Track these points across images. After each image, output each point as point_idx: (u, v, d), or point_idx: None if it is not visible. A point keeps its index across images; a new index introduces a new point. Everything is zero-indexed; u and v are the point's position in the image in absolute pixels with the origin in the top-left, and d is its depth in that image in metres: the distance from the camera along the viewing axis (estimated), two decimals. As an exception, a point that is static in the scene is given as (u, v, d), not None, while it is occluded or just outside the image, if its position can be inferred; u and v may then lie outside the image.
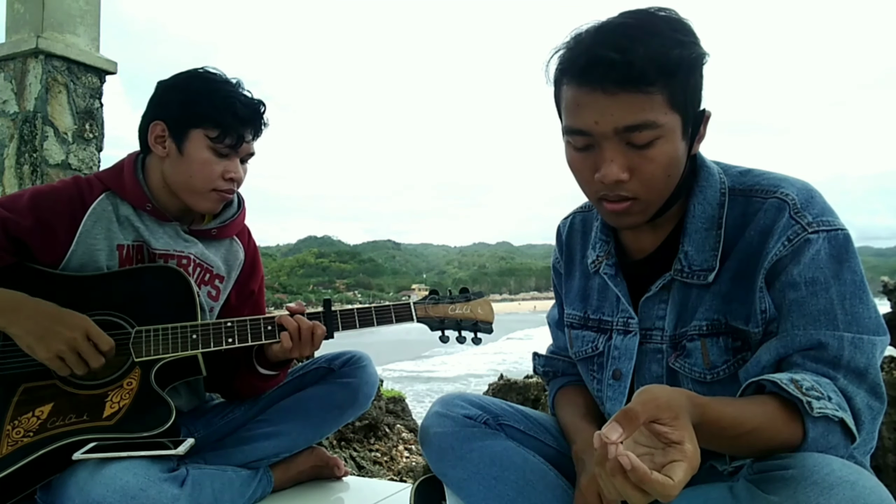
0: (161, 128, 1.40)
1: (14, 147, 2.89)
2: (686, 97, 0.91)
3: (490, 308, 1.42)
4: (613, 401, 1.09)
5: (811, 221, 0.90)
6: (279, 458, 1.59)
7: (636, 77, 0.86)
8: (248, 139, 1.43)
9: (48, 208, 1.34)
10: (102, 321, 1.33)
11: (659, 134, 0.89)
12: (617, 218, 0.98)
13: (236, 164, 1.43)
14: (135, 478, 1.16)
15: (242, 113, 1.39)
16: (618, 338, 1.09)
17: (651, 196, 0.94)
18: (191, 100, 1.38)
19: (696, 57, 0.91)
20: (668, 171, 0.93)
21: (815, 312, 0.88)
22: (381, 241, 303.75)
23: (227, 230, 1.54)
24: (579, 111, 0.91)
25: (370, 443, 3.60)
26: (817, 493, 0.70)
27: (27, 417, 1.24)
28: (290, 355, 1.38)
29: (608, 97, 0.87)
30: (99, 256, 1.37)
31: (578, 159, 0.96)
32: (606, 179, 0.91)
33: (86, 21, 3.03)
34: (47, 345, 1.22)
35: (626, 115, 0.88)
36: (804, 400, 0.78)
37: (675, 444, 0.68)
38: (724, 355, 0.96)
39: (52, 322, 1.23)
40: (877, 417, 0.87)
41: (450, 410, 1.17)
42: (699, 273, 0.98)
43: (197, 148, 1.38)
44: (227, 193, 1.44)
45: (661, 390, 0.73)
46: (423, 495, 1.25)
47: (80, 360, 1.24)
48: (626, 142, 0.90)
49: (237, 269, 1.58)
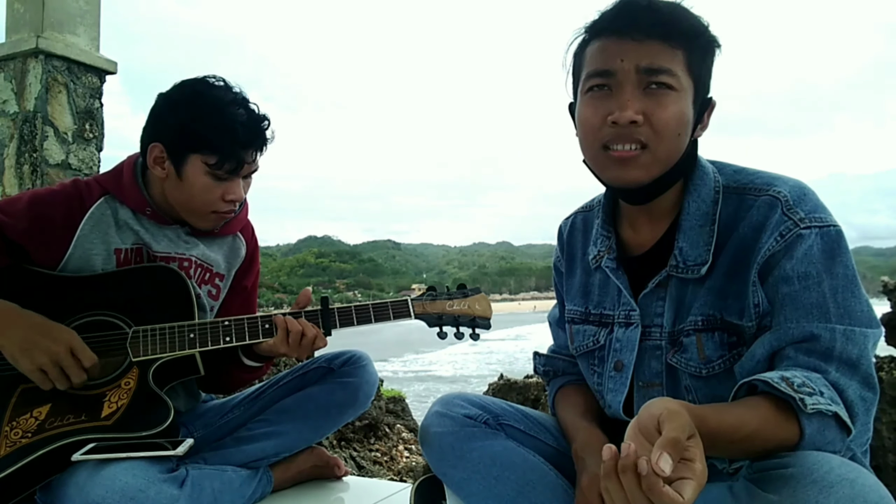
0: (160, 149, 1.36)
1: (14, 147, 2.89)
2: (701, 71, 0.98)
3: (487, 304, 1.42)
4: (614, 392, 1.10)
5: (803, 217, 0.91)
6: (279, 457, 1.59)
7: (662, 28, 0.94)
8: (250, 160, 1.39)
9: (46, 212, 1.34)
10: (100, 321, 1.33)
11: (676, 86, 0.95)
12: (623, 167, 0.98)
13: (236, 185, 1.40)
14: (134, 478, 1.16)
15: (243, 137, 1.35)
16: (619, 330, 1.10)
17: (659, 147, 0.96)
18: (189, 123, 1.32)
19: (713, 40, 0.99)
20: (678, 127, 0.96)
21: (807, 306, 0.89)
22: (381, 241, 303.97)
23: (229, 227, 1.54)
24: (605, 54, 0.98)
25: (370, 443, 3.60)
26: (817, 491, 0.71)
27: (25, 418, 1.24)
28: (285, 354, 1.37)
29: (635, 42, 0.95)
30: (95, 260, 1.37)
31: (593, 107, 1.00)
32: (622, 119, 0.94)
33: (86, 21, 3.02)
34: (31, 357, 1.21)
35: (650, 57, 0.95)
36: (797, 397, 0.79)
37: (687, 461, 0.68)
38: (720, 350, 0.97)
39: (37, 335, 1.23)
40: (870, 408, 0.88)
41: (450, 410, 1.17)
42: (693, 267, 0.99)
43: (195, 173, 1.35)
44: (227, 214, 1.44)
45: (681, 410, 0.73)
46: (423, 495, 1.25)
47: (61, 375, 1.24)
48: (645, 86, 0.95)
49: (237, 266, 1.58)
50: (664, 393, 1.04)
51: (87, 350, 1.26)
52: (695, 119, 1.00)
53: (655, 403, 0.74)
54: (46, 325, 1.25)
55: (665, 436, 0.68)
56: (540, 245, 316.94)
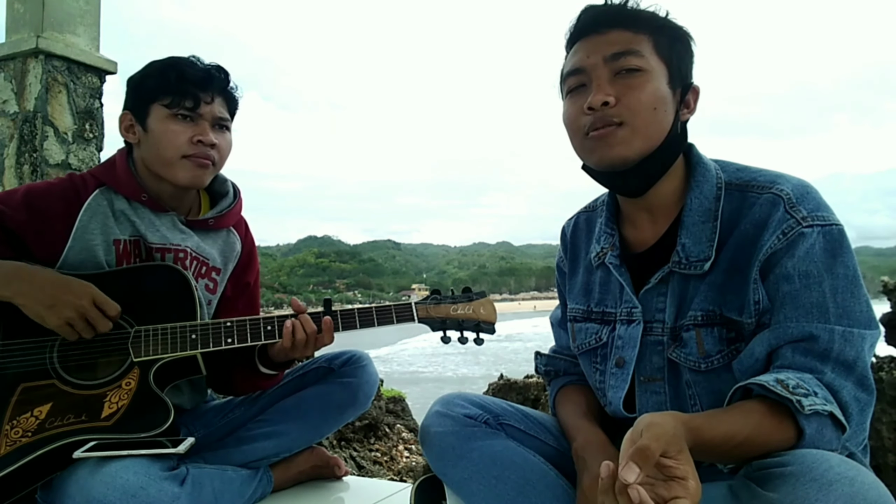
0: (128, 117, 1.44)
1: (14, 147, 2.89)
2: (671, 55, 1.01)
3: (492, 308, 1.41)
4: (616, 388, 1.10)
5: (806, 216, 0.92)
6: (279, 457, 1.59)
7: (623, 16, 1.01)
8: (209, 101, 1.42)
9: (43, 205, 1.35)
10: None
11: (644, 66, 0.99)
12: (605, 145, 1.00)
13: (204, 128, 1.41)
14: (135, 476, 1.16)
15: (192, 76, 1.40)
16: (621, 327, 1.11)
17: (636, 122, 0.98)
18: (142, 80, 1.42)
19: (681, 28, 1.04)
20: (654, 103, 0.99)
21: (807, 305, 0.90)
22: (381, 241, 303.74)
23: (223, 220, 1.54)
24: (577, 56, 1.03)
25: (370, 443, 3.60)
26: (816, 489, 0.71)
27: (26, 417, 1.24)
28: (290, 356, 1.37)
29: (599, 36, 1.02)
30: (97, 251, 1.37)
31: (571, 104, 1.05)
32: (595, 102, 0.98)
33: (86, 21, 3.02)
34: (58, 312, 1.23)
35: (614, 45, 1.00)
36: (793, 399, 0.79)
37: (678, 479, 0.69)
38: (719, 345, 0.98)
39: (59, 290, 1.25)
40: (865, 409, 0.88)
41: (450, 410, 1.17)
42: (696, 263, 1.00)
43: (157, 120, 1.40)
44: (202, 158, 1.41)
45: (666, 422, 0.73)
46: (423, 495, 1.25)
47: (88, 326, 1.27)
48: (616, 72, 1.00)
49: (234, 261, 1.57)
50: (665, 387, 1.05)
51: (109, 300, 1.29)
52: (676, 101, 1.02)
53: (646, 418, 0.75)
54: (65, 280, 1.27)
55: (636, 445, 0.69)
56: (540, 245, 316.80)
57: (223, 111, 1.46)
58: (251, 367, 1.46)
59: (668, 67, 1.01)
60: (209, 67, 1.44)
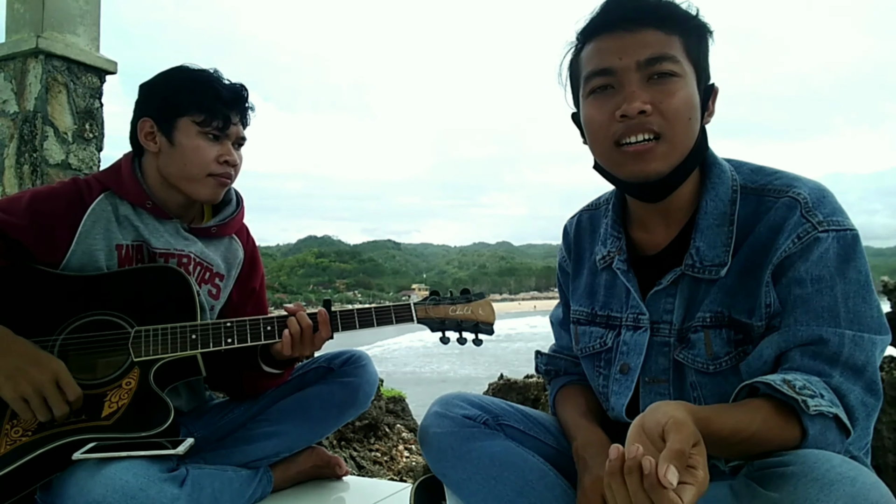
0: (149, 124, 1.42)
1: (14, 147, 2.88)
2: (699, 55, 0.97)
3: (491, 309, 1.42)
4: (619, 395, 1.09)
5: (822, 220, 0.91)
6: (279, 457, 1.59)
7: (654, 15, 0.94)
8: (236, 121, 1.45)
9: (47, 210, 1.35)
10: (102, 321, 1.33)
11: (679, 72, 0.94)
12: (641, 161, 0.95)
13: (229, 148, 1.44)
14: (135, 477, 1.16)
15: (225, 95, 1.42)
16: (627, 333, 1.09)
17: (674, 134, 0.94)
18: (172, 92, 1.40)
19: (705, 25, 0.98)
20: (689, 111, 0.95)
21: (818, 309, 0.89)
22: (381, 241, 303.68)
23: (226, 228, 1.54)
24: (602, 53, 0.96)
25: (370, 443, 3.60)
26: (817, 489, 0.71)
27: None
28: (292, 354, 1.37)
29: (630, 34, 0.94)
30: (98, 256, 1.37)
31: (598, 106, 0.98)
32: (630, 111, 0.93)
33: (86, 21, 3.02)
34: (14, 384, 1.18)
35: (647, 48, 0.93)
36: (799, 399, 0.79)
37: (690, 468, 0.69)
38: (727, 347, 0.97)
39: (23, 362, 1.20)
40: (871, 414, 0.88)
41: (449, 410, 1.17)
42: (710, 268, 0.98)
43: (187, 136, 1.40)
44: (225, 178, 1.45)
45: (687, 419, 0.72)
46: (423, 495, 1.25)
47: (44, 406, 1.20)
48: (648, 77, 0.94)
49: (237, 268, 1.58)
50: (670, 389, 1.03)
51: (72, 383, 1.23)
52: (701, 105, 0.99)
53: (661, 409, 0.74)
54: (35, 354, 1.22)
55: (670, 447, 0.68)
56: (540, 245, 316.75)
57: (243, 132, 1.49)
58: (256, 368, 1.46)
59: (696, 70, 0.97)
60: (237, 87, 1.46)
